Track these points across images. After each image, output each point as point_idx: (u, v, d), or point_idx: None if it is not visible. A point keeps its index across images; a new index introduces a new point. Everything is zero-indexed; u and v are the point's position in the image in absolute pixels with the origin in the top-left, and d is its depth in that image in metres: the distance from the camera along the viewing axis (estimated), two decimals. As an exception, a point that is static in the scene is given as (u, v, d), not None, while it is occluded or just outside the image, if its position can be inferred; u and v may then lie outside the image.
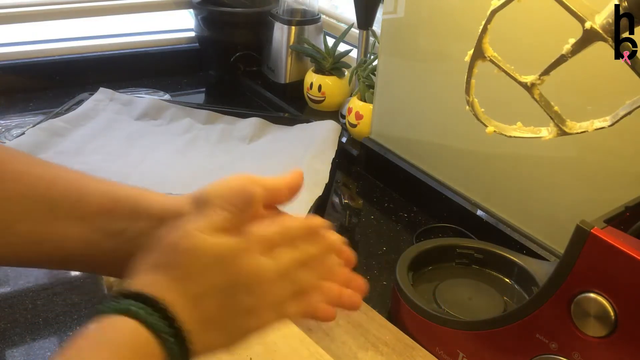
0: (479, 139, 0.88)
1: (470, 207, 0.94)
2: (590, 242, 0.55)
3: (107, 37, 1.44)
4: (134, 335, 0.40)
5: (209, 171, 1.03)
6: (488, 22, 0.55)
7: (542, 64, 0.54)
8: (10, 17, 1.31)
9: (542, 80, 0.54)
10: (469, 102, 0.60)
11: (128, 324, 0.40)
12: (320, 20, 1.33)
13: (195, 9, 1.43)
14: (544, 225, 0.85)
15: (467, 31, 0.62)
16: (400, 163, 1.04)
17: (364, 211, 1.03)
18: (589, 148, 0.78)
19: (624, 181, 0.75)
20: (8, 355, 0.69)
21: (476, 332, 0.67)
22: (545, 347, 0.60)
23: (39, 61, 1.34)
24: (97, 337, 0.40)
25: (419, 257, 0.79)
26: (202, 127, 1.17)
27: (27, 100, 1.29)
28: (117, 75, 1.37)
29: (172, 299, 0.42)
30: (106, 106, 1.21)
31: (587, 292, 0.56)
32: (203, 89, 1.46)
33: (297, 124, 1.18)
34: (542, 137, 0.57)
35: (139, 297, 0.41)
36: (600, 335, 0.56)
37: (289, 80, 1.33)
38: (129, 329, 0.40)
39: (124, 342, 0.40)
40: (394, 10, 0.99)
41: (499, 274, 0.80)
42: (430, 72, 0.97)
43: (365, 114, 1.11)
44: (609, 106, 0.54)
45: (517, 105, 0.62)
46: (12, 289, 0.79)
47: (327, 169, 1.03)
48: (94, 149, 1.07)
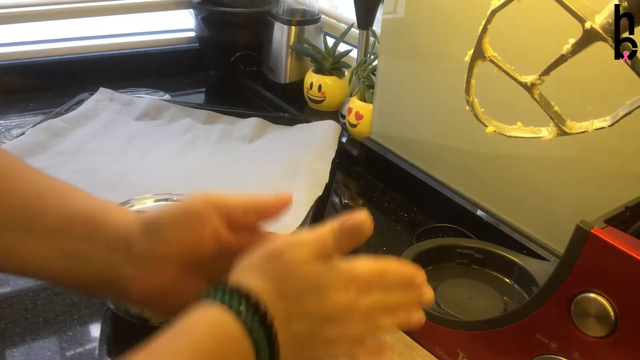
0: (479, 139, 0.88)
1: (470, 207, 0.94)
2: (590, 242, 0.55)
3: (107, 37, 1.44)
4: (230, 333, 0.41)
5: (209, 171, 1.03)
6: (488, 22, 0.55)
7: (542, 64, 0.54)
8: (10, 17, 1.31)
9: (542, 80, 0.54)
10: (469, 102, 0.60)
11: (225, 320, 0.41)
12: (320, 20, 1.33)
13: (195, 9, 1.43)
14: (544, 225, 0.85)
15: (467, 31, 0.62)
16: (400, 163, 1.04)
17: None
18: (589, 148, 0.78)
19: (624, 181, 0.75)
20: (8, 355, 0.69)
21: (476, 332, 0.67)
22: (545, 347, 0.60)
23: (39, 61, 1.34)
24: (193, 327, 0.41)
25: (419, 257, 0.79)
26: (202, 127, 1.17)
27: (27, 100, 1.29)
28: (117, 75, 1.37)
29: (274, 312, 0.42)
30: (106, 106, 1.21)
31: (587, 292, 0.56)
32: (203, 89, 1.46)
33: (297, 124, 1.18)
34: (542, 137, 0.57)
35: (245, 296, 0.42)
36: (600, 335, 0.56)
37: (289, 80, 1.33)
38: (225, 325, 0.41)
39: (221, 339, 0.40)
40: (394, 10, 0.99)
41: (499, 274, 0.80)
42: (430, 72, 0.97)
43: (365, 114, 1.11)
44: (609, 106, 0.54)
45: (517, 105, 0.62)
46: (12, 289, 0.78)
47: (327, 169, 1.03)
48: (94, 149, 1.07)
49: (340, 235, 0.46)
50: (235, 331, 0.41)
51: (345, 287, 0.45)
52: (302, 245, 0.45)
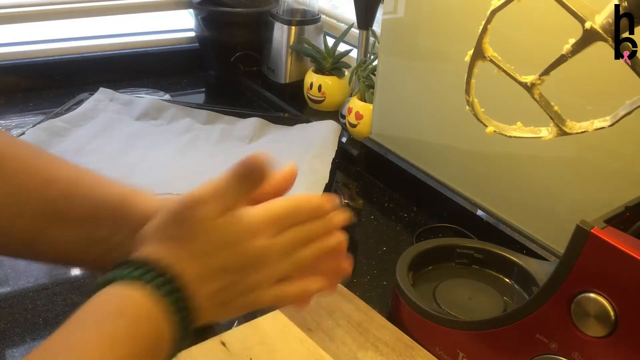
0: (479, 139, 0.88)
1: (470, 207, 0.94)
2: (590, 242, 0.55)
3: (107, 37, 1.44)
4: (141, 305, 0.40)
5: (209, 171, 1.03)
6: (488, 22, 0.55)
7: (542, 64, 0.54)
8: (10, 17, 1.31)
9: (542, 80, 0.54)
10: (469, 102, 0.60)
11: (136, 293, 0.40)
12: (320, 20, 1.33)
13: (195, 9, 1.43)
14: (544, 225, 0.85)
15: (467, 31, 0.62)
16: (400, 163, 1.04)
17: (364, 211, 1.03)
18: (589, 148, 0.78)
19: (624, 181, 0.75)
20: (8, 355, 0.69)
21: (476, 332, 0.67)
22: (545, 347, 0.60)
23: (39, 61, 1.34)
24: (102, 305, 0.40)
25: (419, 257, 0.79)
26: (202, 127, 1.17)
27: (27, 100, 1.29)
28: (117, 75, 1.37)
29: (184, 273, 0.42)
30: (106, 106, 1.21)
31: (587, 292, 0.56)
32: (203, 89, 1.46)
33: (297, 124, 1.18)
34: (542, 137, 0.57)
35: (150, 267, 0.41)
36: (600, 335, 0.56)
37: (289, 80, 1.33)
38: (137, 298, 0.40)
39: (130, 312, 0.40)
40: (394, 10, 0.99)
41: (499, 274, 0.80)
42: (430, 72, 0.97)
43: (365, 114, 1.11)
44: (609, 106, 0.54)
45: (517, 105, 0.62)
46: (12, 289, 0.78)
47: (327, 169, 1.03)
48: (94, 149, 1.07)
49: (238, 183, 0.46)
50: (145, 302, 0.40)
51: (256, 234, 0.45)
52: (203, 203, 0.44)
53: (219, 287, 0.44)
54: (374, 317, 0.75)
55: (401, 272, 0.75)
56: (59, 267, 0.82)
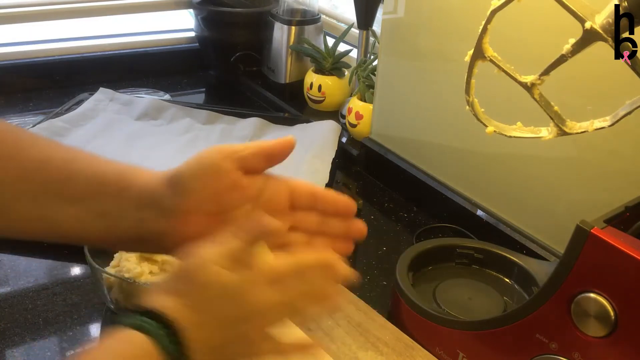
0: (479, 139, 0.88)
1: (470, 207, 0.94)
2: (590, 242, 0.55)
3: (107, 37, 1.44)
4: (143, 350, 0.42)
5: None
6: (488, 22, 0.55)
7: (542, 64, 0.54)
8: (10, 17, 1.31)
9: (542, 80, 0.54)
10: (469, 102, 0.60)
11: (139, 338, 0.43)
12: (320, 20, 1.33)
13: (195, 9, 1.43)
14: (544, 225, 0.85)
15: (467, 31, 0.62)
16: (400, 163, 1.04)
17: (364, 211, 1.02)
18: (589, 148, 0.78)
19: (624, 181, 0.75)
20: (8, 355, 0.69)
21: (476, 332, 0.67)
22: (545, 347, 0.60)
23: (39, 61, 1.34)
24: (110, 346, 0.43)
25: (419, 257, 0.79)
26: (202, 127, 1.17)
27: (27, 100, 1.29)
28: (117, 75, 1.37)
29: (182, 323, 0.44)
30: (106, 106, 1.21)
31: (587, 292, 0.56)
32: (203, 89, 1.46)
33: (297, 124, 1.18)
34: (542, 137, 0.57)
35: (153, 316, 0.44)
36: (600, 335, 0.56)
37: (289, 80, 1.33)
38: (139, 343, 0.42)
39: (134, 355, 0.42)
40: (394, 10, 0.99)
41: (499, 274, 0.80)
42: (430, 72, 0.97)
43: (365, 114, 1.11)
44: (609, 106, 0.54)
45: (517, 105, 0.62)
46: (12, 289, 0.78)
47: (327, 169, 1.03)
48: (94, 149, 1.06)
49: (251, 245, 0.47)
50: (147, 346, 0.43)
51: (256, 285, 0.47)
52: (210, 261, 0.46)
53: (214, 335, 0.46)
54: (374, 317, 0.75)
55: (401, 272, 0.75)
56: (58, 268, 0.82)
